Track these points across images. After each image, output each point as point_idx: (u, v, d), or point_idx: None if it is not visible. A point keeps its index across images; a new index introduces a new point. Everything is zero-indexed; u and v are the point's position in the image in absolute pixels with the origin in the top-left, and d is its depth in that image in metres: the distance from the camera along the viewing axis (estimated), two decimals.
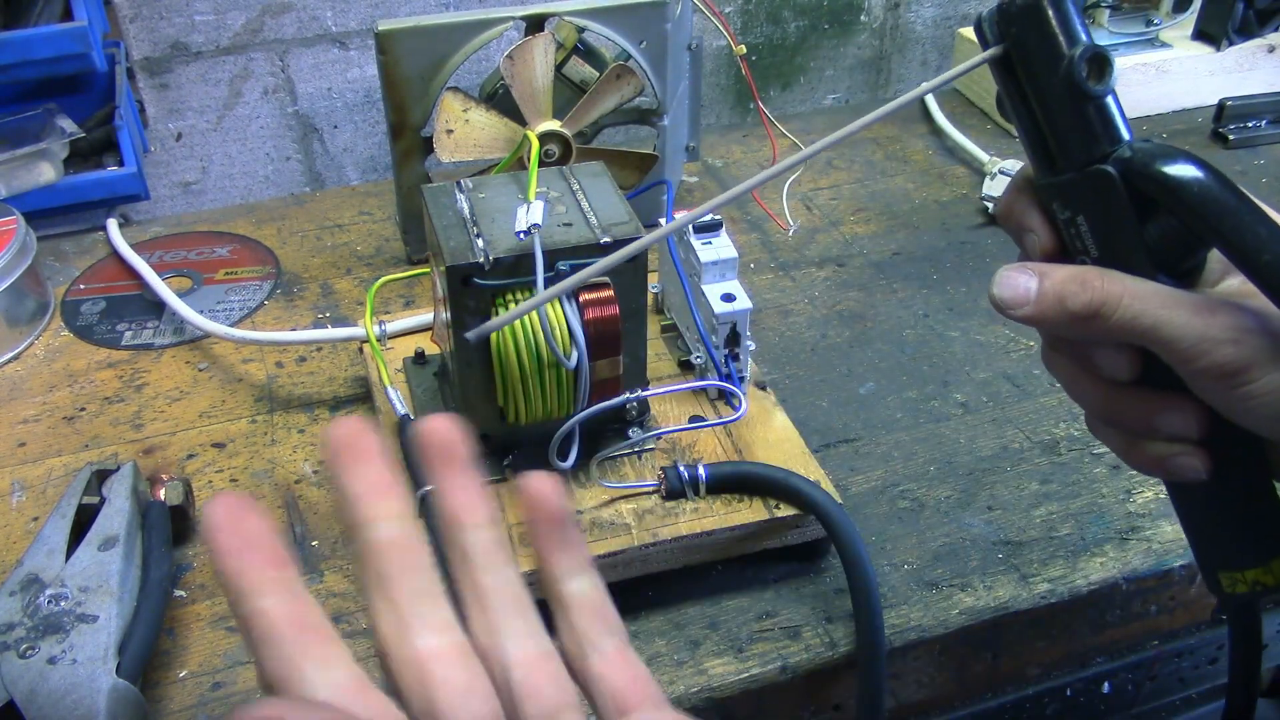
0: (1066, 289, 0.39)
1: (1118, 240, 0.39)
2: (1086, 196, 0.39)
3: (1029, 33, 0.38)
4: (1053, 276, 0.39)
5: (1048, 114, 0.39)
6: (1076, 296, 0.38)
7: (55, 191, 0.91)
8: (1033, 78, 0.39)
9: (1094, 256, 0.40)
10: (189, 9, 1.00)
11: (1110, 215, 0.39)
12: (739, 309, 0.66)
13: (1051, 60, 0.38)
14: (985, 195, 0.96)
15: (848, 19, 1.24)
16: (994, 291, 0.40)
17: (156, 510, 0.62)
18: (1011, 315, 0.40)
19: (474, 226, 0.59)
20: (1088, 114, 0.39)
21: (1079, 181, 0.39)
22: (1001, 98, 0.41)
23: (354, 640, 0.59)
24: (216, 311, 0.84)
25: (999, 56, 0.40)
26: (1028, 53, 0.39)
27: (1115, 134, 0.39)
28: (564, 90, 0.84)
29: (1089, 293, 0.38)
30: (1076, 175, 0.39)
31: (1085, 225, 0.40)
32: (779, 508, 0.61)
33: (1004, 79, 0.40)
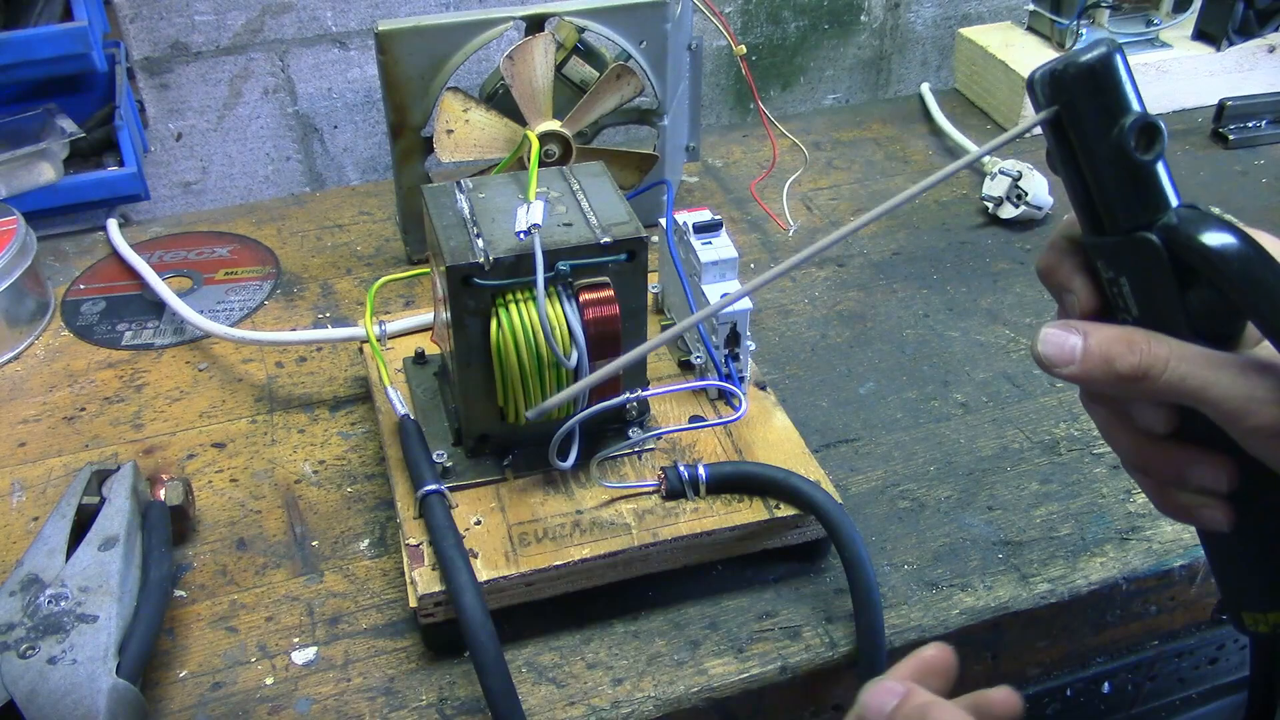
0: (1113, 350, 0.39)
1: (1159, 304, 0.40)
2: (1130, 260, 0.40)
3: (1081, 97, 0.39)
4: (1097, 335, 0.39)
5: (1096, 177, 0.40)
6: (1124, 358, 0.39)
7: (55, 191, 0.91)
8: (1083, 141, 0.39)
9: (1134, 316, 0.40)
10: (189, 9, 1.00)
11: (1152, 280, 0.39)
12: (739, 309, 0.66)
13: (1102, 126, 0.39)
14: (985, 195, 0.96)
15: (848, 19, 1.24)
16: (1039, 349, 0.40)
17: (156, 510, 0.62)
18: (1056, 373, 0.40)
19: (474, 226, 0.59)
20: (1135, 181, 0.39)
21: (1123, 245, 0.40)
22: (1051, 154, 0.42)
23: (353, 640, 0.59)
24: (216, 311, 0.84)
25: (1054, 117, 0.40)
26: (1079, 117, 0.39)
27: (1162, 201, 0.39)
28: (564, 90, 0.84)
29: (1136, 355, 0.38)
30: (1121, 239, 0.40)
31: (1128, 287, 0.40)
32: (779, 508, 0.61)
33: (1055, 139, 0.41)
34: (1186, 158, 1.04)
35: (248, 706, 0.56)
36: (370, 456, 0.71)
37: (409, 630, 0.59)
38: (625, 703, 0.56)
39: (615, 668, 0.57)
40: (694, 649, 0.58)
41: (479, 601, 0.54)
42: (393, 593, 0.61)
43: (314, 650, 0.58)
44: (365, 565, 0.63)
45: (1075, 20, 1.08)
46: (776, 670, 0.58)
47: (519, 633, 0.59)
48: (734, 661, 0.58)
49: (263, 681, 0.57)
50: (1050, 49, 1.11)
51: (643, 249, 0.59)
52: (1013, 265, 0.89)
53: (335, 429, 0.73)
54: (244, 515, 0.67)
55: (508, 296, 0.57)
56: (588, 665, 0.58)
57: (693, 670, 0.57)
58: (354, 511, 0.67)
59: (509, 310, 0.57)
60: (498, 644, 0.53)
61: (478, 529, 0.59)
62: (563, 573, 0.58)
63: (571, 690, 0.56)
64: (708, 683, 0.57)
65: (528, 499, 0.61)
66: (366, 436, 0.72)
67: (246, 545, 0.65)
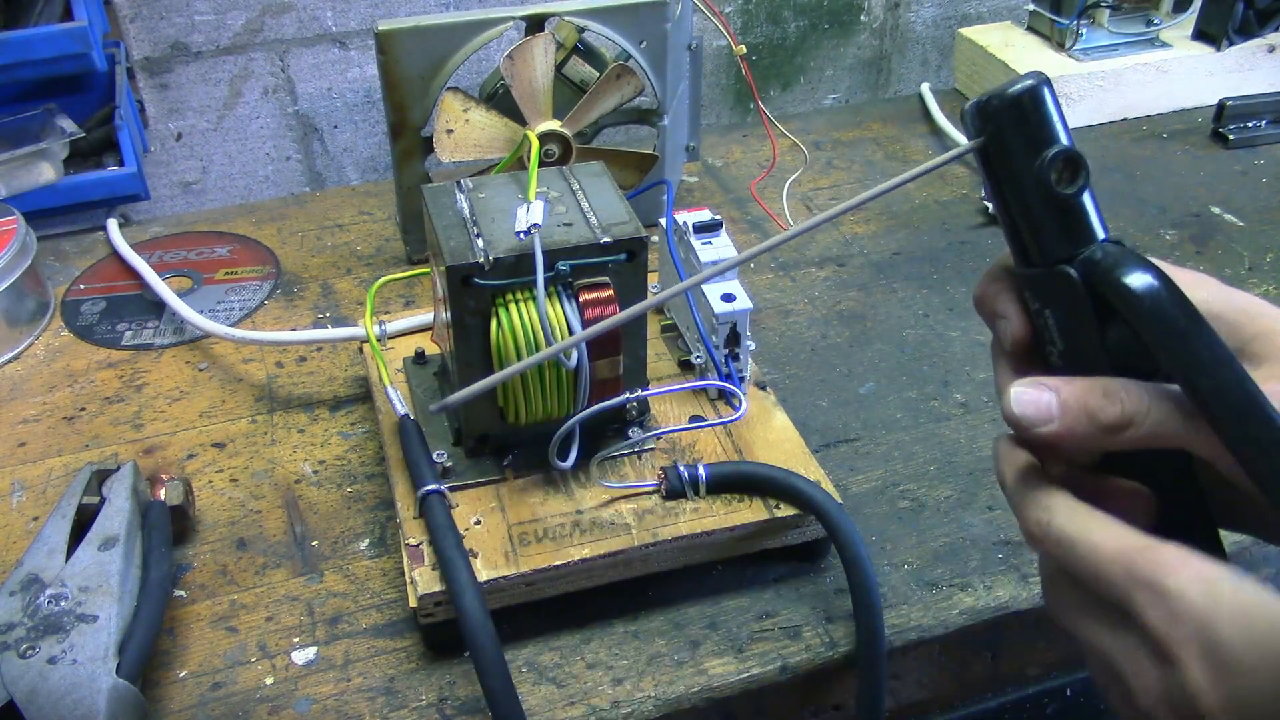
0: (1092, 402, 0.38)
1: (1081, 339, 0.40)
2: (1052, 292, 0.40)
3: (1006, 128, 0.39)
4: (1070, 389, 0.38)
5: (1022, 209, 0.40)
6: (1106, 409, 0.38)
7: (55, 191, 0.91)
8: (1008, 172, 0.40)
9: (1060, 350, 0.40)
10: (189, 9, 1.00)
11: (1073, 314, 0.39)
12: (739, 309, 0.66)
13: (1027, 157, 0.39)
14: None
15: (848, 19, 1.24)
16: (1013, 410, 0.39)
17: (157, 510, 0.62)
18: (1032, 434, 0.38)
19: (474, 226, 0.59)
20: (1057, 214, 0.39)
21: (1045, 277, 0.40)
22: (987, 188, 0.42)
23: (353, 640, 0.59)
24: (216, 311, 0.84)
25: (980, 148, 0.40)
26: (1004, 148, 0.39)
27: (1085, 235, 0.39)
28: (564, 90, 0.84)
29: (1118, 405, 0.38)
30: (1044, 270, 0.40)
31: (1052, 320, 0.40)
32: (779, 508, 0.61)
33: (985, 169, 0.41)
34: (1186, 157, 1.04)
35: (248, 706, 0.56)
36: (370, 456, 0.71)
37: (409, 630, 0.59)
38: (625, 703, 0.56)
39: (615, 668, 0.57)
40: (694, 649, 0.58)
41: (479, 601, 0.54)
42: (393, 593, 0.61)
43: (314, 650, 0.58)
44: (365, 565, 0.63)
45: (1075, 20, 1.08)
46: (776, 670, 0.58)
47: (519, 633, 0.59)
48: (734, 661, 0.58)
49: (263, 681, 0.57)
50: (1050, 49, 1.11)
51: (643, 249, 0.59)
52: None
53: (335, 429, 0.73)
54: (244, 515, 0.67)
55: (508, 296, 0.58)
56: (588, 665, 0.58)
57: (693, 670, 0.57)
58: (354, 511, 0.67)
59: (509, 310, 0.57)
60: (498, 644, 0.53)
61: (478, 529, 0.59)
62: (563, 573, 0.58)
63: (571, 690, 0.56)
64: (708, 683, 0.57)
65: (528, 499, 0.61)
66: (366, 436, 0.72)
67: (246, 545, 0.65)
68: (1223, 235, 0.92)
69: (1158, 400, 0.38)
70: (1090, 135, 1.08)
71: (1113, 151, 1.04)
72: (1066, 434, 0.38)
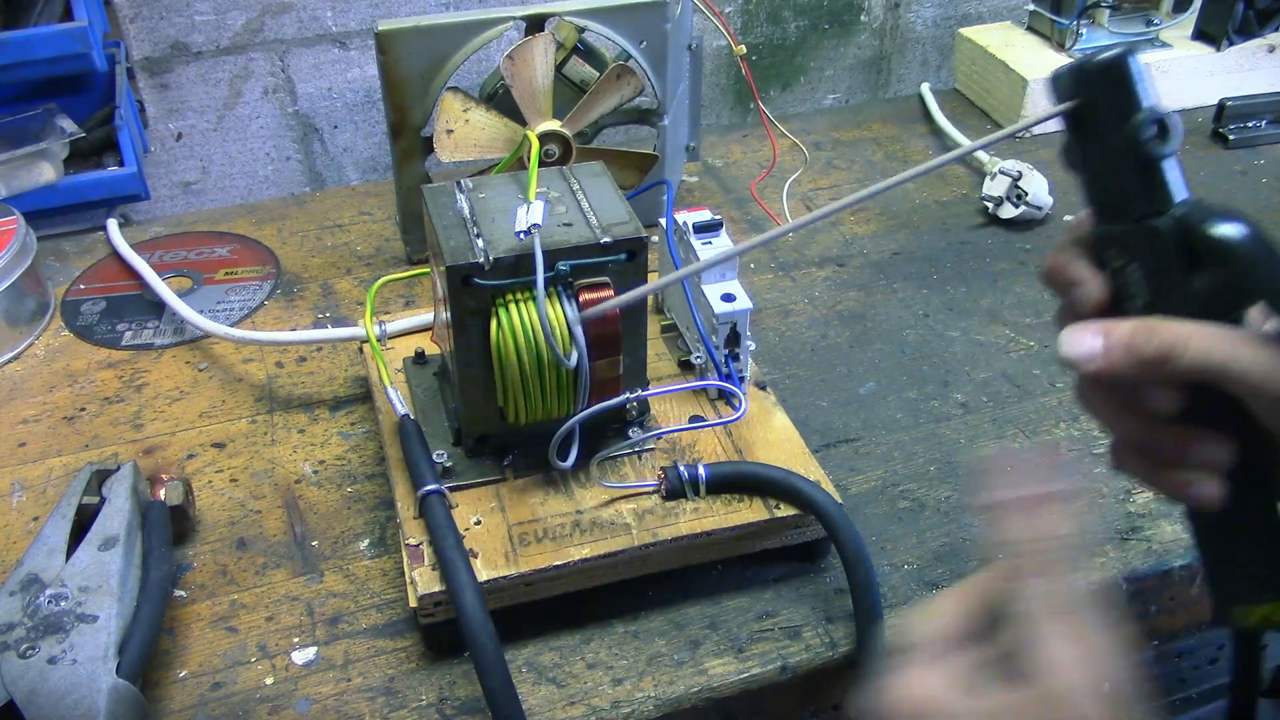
0: (1135, 338, 0.41)
1: (1167, 290, 0.42)
2: (1140, 246, 0.43)
3: (1102, 91, 0.42)
4: (1118, 329, 0.42)
5: (1113, 168, 0.43)
6: (1147, 343, 0.41)
7: (55, 191, 0.91)
8: (1102, 133, 0.43)
9: (1142, 303, 0.43)
10: (189, 9, 1.00)
11: (1160, 266, 0.42)
12: (739, 309, 0.66)
13: (1120, 119, 0.42)
14: (985, 195, 0.96)
15: (848, 19, 1.24)
16: (1063, 352, 0.43)
17: (157, 510, 0.62)
18: (1083, 370, 0.43)
19: (474, 226, 0.59)
20: (1148, 172, 0.42)
21: (1135, 232, 0.43)
22: (1068, 147, 0.45)
23: (353, 640, 0.59)
24: (216, 311, 0.84)
25: (1073, 110, 0.43)
26: (1099, 110, 0.42)
27: (1172, 192, 0.42)
28: (564, 90, 0.84)
29: (1157, 338, 0.41)
30: (1134, 226, 0.43)
31: (1139, 273, 0.43)
32: (779, 508, 0.61)
33: (1074, 132, 0.44)
34: (1187, 158, 1.03)
35: (248, 706, 0.56)
36: (370, 456, 0.71)
37: (409, 630, 0.59)
38: (625, 703, 0.56)
39: (615, 668, 0.57)
40: (694, 649, 0.58)
41: (479, 601, 0.54)
42: (393, 593, 0.61)
43: (314, 650, 0.58)
44: (365, 565, 0.63)
45: (1075, 20, 1.08)
46: (776, 670, 0.58)
47: (519, 633, 0.59)
48: (734, 661, 0.58)
49: (263, 681, 0.57)
50: (1050, 49, 1.11)
51: (643, 249, 0.59)
52: (1013, 265, 0.89)
53: (335, 429, 0.73)
54: (244, 515, 0.67)
55: (508, 296, 0.57)
56: (588, 665, 0.58)
57: (693, 670, 0.57)
58: (354, 511, 0.67)
59: (509, 310, 0.57)
60: (498, 644, 0.53)
61: (478, 529, 0.59)
62: (563, 573, 0.58)
63: (571, 690, 0.56)
64: (708, 683, 0.57)
65: (528, 499, 0.61)
66: (366, 436, 0.72)
67: (246, 545, 0.65)
68: None
69: (1198, 333, 0.40)
70: None
71: None
72: (1111, 368, 0.42)
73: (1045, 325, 0.82)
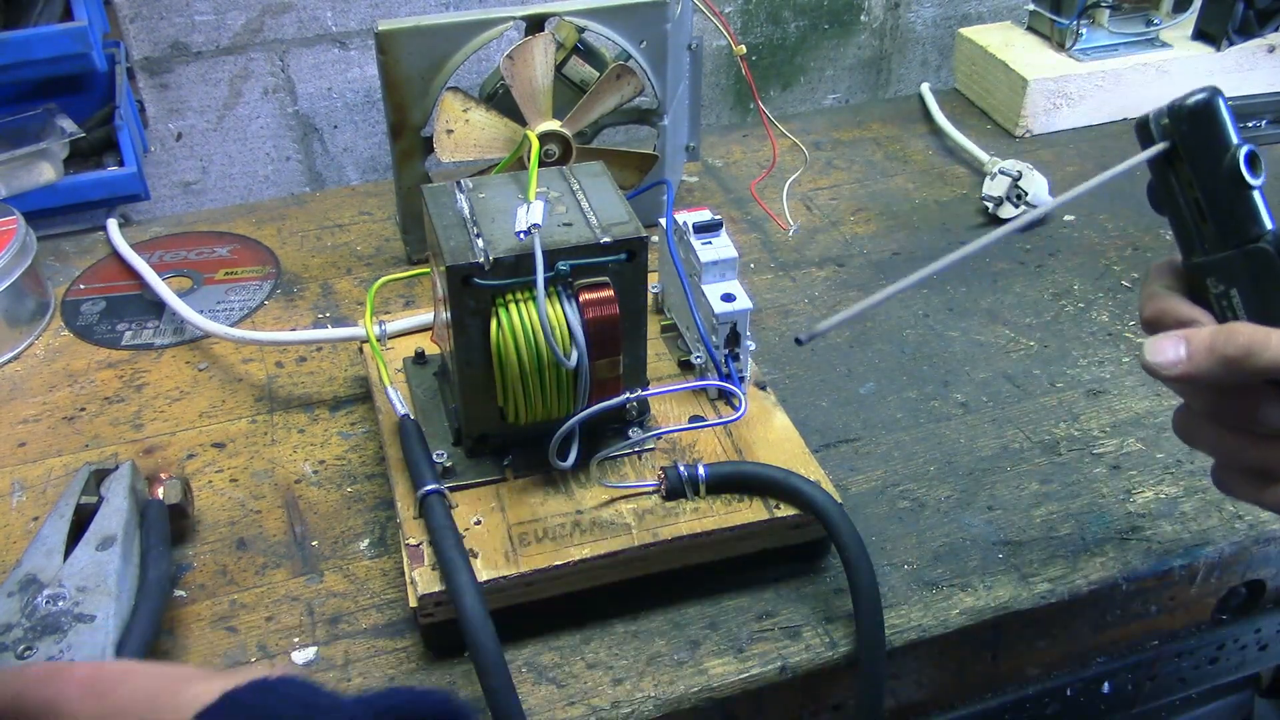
0: (1216, 340, 0.45)
1: (1269, 307, 0.46)
2: (1241, 271, 0.47)
3: (1195, 131, 0.47)
4: (1199, 335, 0.46)
5: (1211, 200, 0.47)
6: (1228, 343, 0.45)
7: (55, 191, 0.91)
8: (1198, 168, 0.47)
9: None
10: (189, 9, 1.00)
11: (1260, 287, 0.46)
12: (739, 309, 0.66)
13: (1217, 153, 0.46)
14: (985, 195, 0.96)
15: (848, 19, 1.24)
16: (1147, 359, 0.47)
17: (155, 509, 0.62)
18: (1166, 375, 0.46)
19: (474, 226, 0.59)
20: (1245, 200, 0.46)
21: (1235, 258, 0.47)
22: (1155, 189, 0.49)
23: (353, 640, 0.59)
24: (216, 311, 0.84)
25: (1165, 151, 0.48)
26: (1195, 147, 0.47)
27: (1266, 218, 0.47)
28: (564, 90, 0.84)
29: (1239, 338, 0.45)
30: (1234, 252, 0.47)
31: (1239, 297, 0.47)
32: (779, 508, 0.61)
33: (1163, 171, 0.48)
34: None
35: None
36: (370, 456, 0.71)
37: (409, 630, 0.59)
38: (625, 703, 0.56)
39: (615, 668, 0.57)
40: (694, 649, 0.58)
41: (479, 601, 0.54)
42: (393, 593, 0.61)
43: (314, 650, 0.58)
44: (365, 565, 0.63)
45: (1075, 20, 1.08)
46: (776, 670, 0.58)
47: (519, 633, 0.58)
48: (734, 661, 0.58)
49: None
50: (1050, 49, 1.11)
51: (643, 249, 0.59)
52: (1013, 265, 0.89)
53: (335, 429, 0.73)
54: (244, 515, 0.67)
55: (508, 296, 0.57)
56: (588, 665, 0.58)
57: (693, 670, 0.57)
58: (354, 511, 0.67)
59: (509, 310, 0.57)
60: (498, 644, 0.53)
61: (478, 529, 0.59)
62: (563, 573, 0.58)
63: (571, 690, 0.56)
64: (708, 683, 0.57)
65: (528, 499, 0.61)
66: (366, 436, 0.72)
67: (246, 545, 0.65)
68: None
69: (1278, 333, 0.44)
70: (1090, 135, 1.08)
71: (1113, 151, 1.04)
72: (1194, 370, 0.46)
73: (1045, 325, 0.82)
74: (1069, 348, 0.80)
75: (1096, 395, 0.75)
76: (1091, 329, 0.82)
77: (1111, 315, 0.83)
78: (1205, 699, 0.80)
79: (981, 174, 0.99)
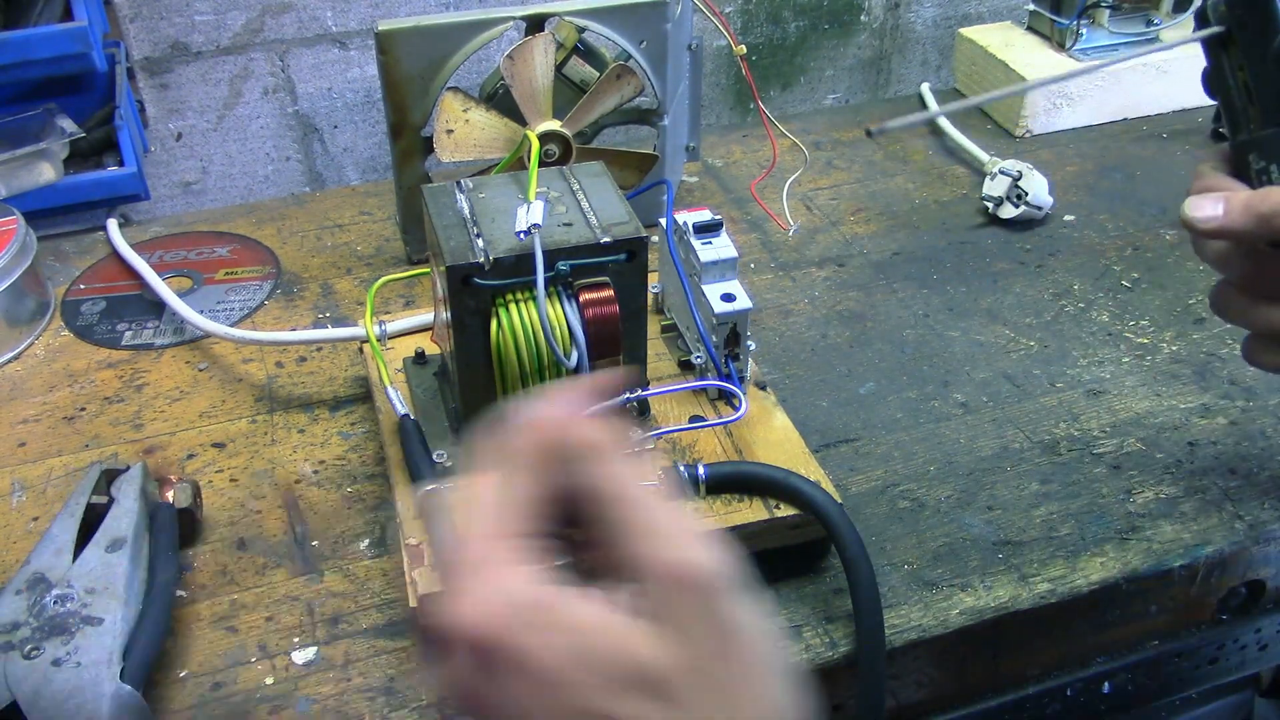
0: (1252, 199, 0.50)
1: None
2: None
3: (1252, 13, 0.52)
4: (1237, 195, 0.51)
5: (1259, 81, 0.52)
6: (1263, 202, 0.50)
7: (55, 191, 0.91)
8: (1248, 52, 0.52)
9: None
10: (189, 9, 1.00)
11: None
12: (739, 309, 0.66)
13: (1268, 37, 0.51)
14: (985, 195, 0.96)
15: (848, 19, 1.24)
16: (1187, 214, 0.52)
17: (165, 513, 0.62)
18: (1201, 228, 0.51)
19: (474, 226, 0.59)
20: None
21: (1277, 135, 0.52)
22: (1209, 72, 0.55)
23: (353, 640, 0.59)
24: (216, 311, 0.84)
25: (1220, 34, 0.53)
26: (1247, 30, 0.52)
27: None
28: (564, 90, 0.84)
29: (1273, 197, 0.50)
30: (1277, 130, 0.52)
31: (1277, 172, 0.52)
32: (779, 508, 0.61)
33: (1217, 54, 0.54)
34: (1186, 158, 1.04)
35: (248, 706, 0.56)
36: (370, 456, 0.71)
37: (409, 630, 0.59)
38: None
39: None
40: None
41: None
42: (393, 593, 0.61)
43: (314, 650, 0.59)
44: (365, 565, 0.63)
45: (1075, 20, 1.08)
46: None
47: None
48: None
49: (263, 681, 0.57)
50: (1050, 49, 1.11)
51: (643, 249, 0.59)
52: (1013, 265, 0.89)
53: (335, 429, 0.73)
54: (244, 515, 0.67)
55: (508, 296, 0.58)
56: None
57: None
58: (354, 511, 0.67)
59: (509, 310, 0.57)
60: None
61: None
62: None
63: None
64: None
65: None
66: (366, 436, 0.72)
67: (247, 545, 0.65)
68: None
69: None
70: (1090, 135, 1.08)
71: (1113, 151, 1.05)
72: (1230, 225, 0.51)
73: (1045, 325, 0.82)
74: (1069, 348, 0.80)
75: (1096, 395, 0.75)
76: (1091, 329, 0.82)
77: (1111, 315, 0.83)
78: (1205, 699, 0.80)
79: (981, 174, 0.99)
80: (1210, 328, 0.81)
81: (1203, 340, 0.80)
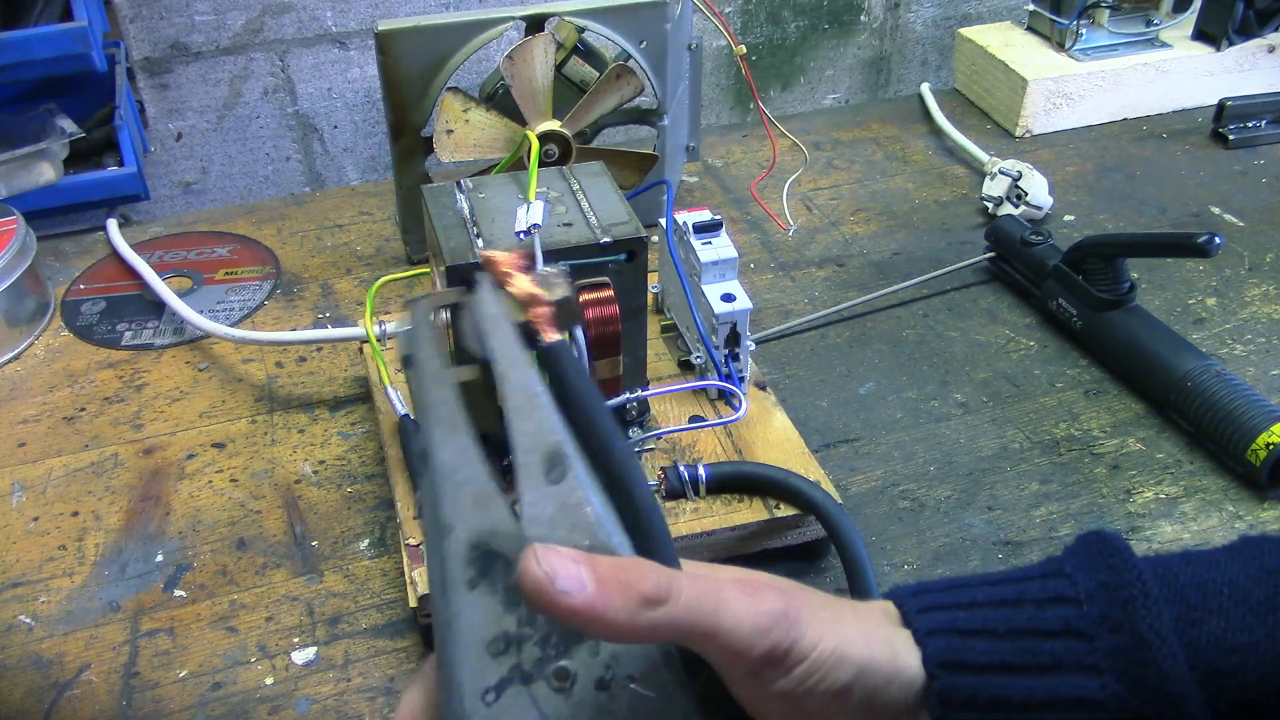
0: (629, 573, 0.33)
1: None
2: None
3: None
4: (602, 561, 0.33)
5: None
6: (645, 579, 0.33)
7: (55, 191, 0.91)
8: None
9: None
10: (189, 9, 1.00)
11: None
12: (739, 309, 0.66)
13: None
14: (985, 195, 0.96)
15: (848, 19, 1.24)
16: (534, 570, 0.32)
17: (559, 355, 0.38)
18: (560, 602, 0.32)
19: (474, 226, 0.59)
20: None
21: None
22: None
23: (353, 640, 0.59)
24: (216, 311, 0.84)
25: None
26: None
27: None
28: (564, 90, 0.84)
29: (655, 574, 0.33)
30: None
31: None
32: (779, 508, 0.61)
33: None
34: (1186, 157, 1.04)
35: (248, 706, 0.56)
36: (370, 456, 0.71)
37: (409, 630, 0.59)
38: None
39: None
40: None
41: None
42: (393, 593, 0.61)
43: (314, 650, 0.59)
44: (365, 565, 0.63)
45: (1075, 20, 1.08)
46: None
47: None
48: None
49: (263, 681, 0.57)
50: (1050, 49, 1.11)
51: (643, 249, 0.59)
52: None
53: (335, 429, 0.73)
54: (244, 515, 0.67)
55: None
56: None
57: None
58: (354, 511, 0.67)
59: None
60: None
61: None
62: None
63: None
64: None
65: None
66: (366, 436, 0.72)
67: (246, 545, 0.65)
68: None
69: (690, 579, 0.34)
70: (1090, 135, 1.08)
71: (1113, 151, 1.05)
72: (601, 604, 0.32)
73: (1045, 325, 0.82)
74: (1069, 348, 0.80)
75: (1096, 395, 0.75)
76: None
77: None
78: None
79: (981, 174, 0.99)
80: (1210, 328, 0.81)
81: (1202, 340, 0.80)
